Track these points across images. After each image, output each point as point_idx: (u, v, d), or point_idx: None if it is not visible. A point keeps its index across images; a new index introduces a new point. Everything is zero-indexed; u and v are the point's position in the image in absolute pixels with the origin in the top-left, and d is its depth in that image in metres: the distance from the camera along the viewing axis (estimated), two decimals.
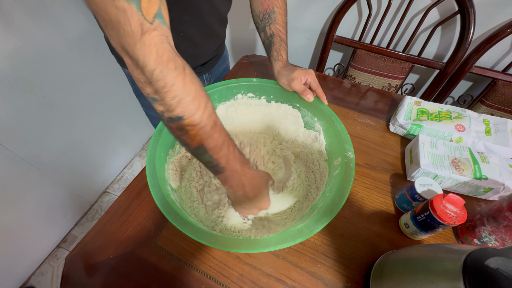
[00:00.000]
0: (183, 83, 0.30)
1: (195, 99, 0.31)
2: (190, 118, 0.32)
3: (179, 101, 0.30)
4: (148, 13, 0.26)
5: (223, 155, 0.36)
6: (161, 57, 0.28)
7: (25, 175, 0.91)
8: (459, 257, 0.27)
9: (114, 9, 0.25)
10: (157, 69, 0.28)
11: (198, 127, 0.33)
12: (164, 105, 0.31)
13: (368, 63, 0.93)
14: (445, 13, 0.80)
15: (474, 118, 0.60)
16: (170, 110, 0.31)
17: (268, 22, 0.57)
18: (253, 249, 0.33)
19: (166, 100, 0.30)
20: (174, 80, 0.29)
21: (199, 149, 0.35)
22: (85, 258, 0.45)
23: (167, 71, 0.29)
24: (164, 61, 0.28)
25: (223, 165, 0.37)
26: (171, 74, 0.29)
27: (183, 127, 0.32)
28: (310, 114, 0.55)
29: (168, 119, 0.32)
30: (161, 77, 0.29)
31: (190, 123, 0.32)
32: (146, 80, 0.29)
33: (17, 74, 0.79)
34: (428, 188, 0.46)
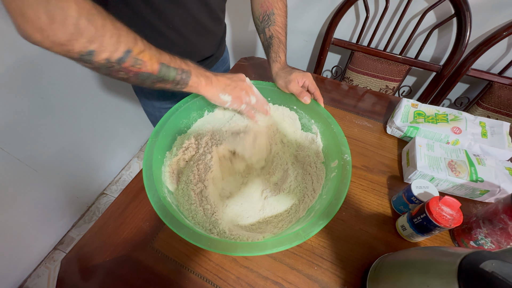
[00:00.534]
0: (112, 22, 0.30)
1: (128, 32, 0.32)
2: (135, 47, 0.32)
3: (119, 36, 0.31)
4: None
5: (179, 62, 0.38)
6: (81, 6, 0.27)
7: (22, 176, 0.91)
8: (454, 260, 0.27)
9: None
10: (82, 17, 0.27)
11: (147, 51, 0.34)
12: (105, 50, 0.30)
13: (366, 66, 0.94)
14: (442, 16, 0.80)
15: (471, 121, 0.61)
16: (115, 50, 0.31)
17: (268, 23, 0.57)
18: (249, 252, 0.33)
19: (105, 42, 0.30)
20: (103, 21, 0.29)
21: (162, 69, 0.35)
22: (81, 260, 0.45)
23: (93, 17, 0.28)
24: (86, 8, 0.28)
25: (187, 68, 0.39)
26: (97, 17, 0.29)
27: (136, 59, 0.33)
28: (307, 116, 0.55)
29: (117, 61, 0.32)
30: (89, 23, 0.28)
31: (139, 51, 0.33)
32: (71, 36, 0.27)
33: (14, 75, 0.79)
34: (425, 190, 0.46)
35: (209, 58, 0.64)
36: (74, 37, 0.28)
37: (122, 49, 0.31)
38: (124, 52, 0.31)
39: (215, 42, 0.63)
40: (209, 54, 0.63)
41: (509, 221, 0.38)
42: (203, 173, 0.48)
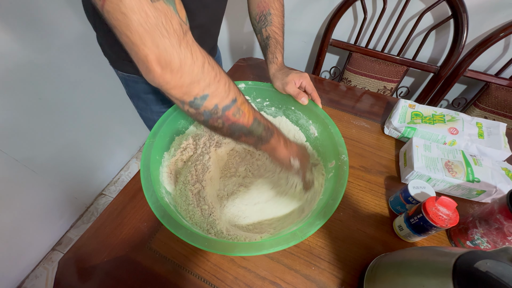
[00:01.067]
0: (222, 69, 0.32)
1: (233, 82, 0.33)
2: (240, 97, 0.33)
3: (229, 85, 0.32)
4: (181, 14, 0.27)
5: (266, 120, 0.38)
6: (203, 50, 0.29)
7: (20, 177, 0.90)
8: (449, 260, 0.28)
9: (154, 11, 0.23)
10: (206, 61, 0.29)
11: (246, 103, 0.35)
12: (218, 96, 0.31)
13: (364, 66, 0.94)
14: (439, 17, 0.81)
15: (467, 121, 0.61)
16: (225, 96, 0.31)
17: (264, 24, 0.57)
18: (246, 252, 0.33)
19: (220, 88, 0.30)
20: (219, 68, 0.31)
21: (254, 123, 0.36)
22: (78, 261, 0.45)
23: (212, 62, 0.30)
24: (206, 54, 0.29)
25: (271, 127, 0.39)
26: (215, 63, 0.30)
27: (239, 109, 0.33)
28: (305, 117, 0.55)
29: (223, 108, 0.32)
30: (211, 67, 0.29)
31: (241, 102, 0.33)
32: (195, 79, 0.28)
33: (12, 76, 0.79)
34: (422, 190, 0.47)
35: None
36: (197, 79, 0.28)
37: (231, 97, 0.32)
38: (232, 100, 0.32)
39: (213, 44, 0.63)
40: None
41: (504, 221, 0.38)
42: (200, 173, 0.48)
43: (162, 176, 0.45)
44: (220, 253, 0.33)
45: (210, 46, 0.63)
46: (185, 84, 0.28)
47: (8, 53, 0.76)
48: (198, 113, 0.31)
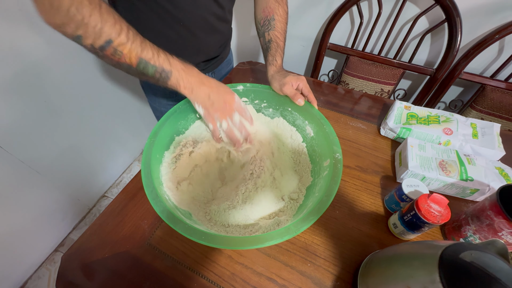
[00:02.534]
0: (100, 13, 0.34)
1: (115, 23, 0.36)
2: (117, 38, 0.36)
3: (102, 28, 0.35)
4: None
5: (163, 60, 0.40)
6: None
7: (25, 178, 0.92)
8: (436, 251, 0.29)
9: None
10: (72, 6, 0.32)
11: (129, 44, 0.37)
12: (89, 37, 0.34)
13: (361, 69, 0.96)
14: (433, 21, 0.83)
15: (462, 122, 0.62)
16: (96, 37, 0.35)
17: (268, 28, 0.60)
18: (242, 246, 0.35)
19: (89, 30, 0.34)
20: (91, 12, 0.33)
21: (140, 63, 0.39)
22: (80, 257, 0.46)
23: (82, 6, 0.33)
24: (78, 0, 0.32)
25: (168, 68, 0.41)
26: (86, 8, 0.33)
27: (116, 49, 0.36)
28: (301, 118, 0.57)
29: (99, 48, 0.36)
30: (77, 12, 0.32)
31: (119, 43, 0.36)
32: (63, 21, 0.33)
33: (21, 80, 0.82)
34: (415, 189, 0.48)
35: (215, 58, 0.67)
36: (66, 22, 0.33)
37: (104, 39, 0.35)
38: (105, 41, 0.35)
39: (222, 43, 0.66)
40: (215, 54, 0.66)
41: (495, 217, 0.39)
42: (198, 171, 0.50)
43: (162, 173, 0.47)
44: (216, 247, 0.34)
45: (219, 43, 0.65)
46: (58, 24, 0.33)
47: (16, 57, 0.78)
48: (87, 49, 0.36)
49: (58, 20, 0.33)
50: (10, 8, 0.72)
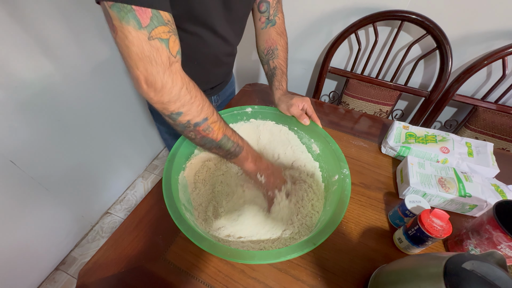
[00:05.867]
0: (201, 94, 0.40)
1: (210, 104, 0.42)
2: (212, 117, 0.42)
3: (203, 107, 0.40)
4: (173, 50, 0.35)
5: (237, 138, 0.47)
6: (184, 79, 0.38)
7: (34, 195, 0.94)
8: (440, 262, 0.31)
9: (149, 46, 0.32)
10: (184, 87, 0.37)
11: (219, 122, 0.43)
12: (190, 114, 0.39)
13: (360, 91, 1.02)
14: (426, 48, 0.90)
15: (457, 141, 0.66)
16: (197, 115, 0.40)
17: (272, 57, 0.66)
18: (265, 260, 0.37)
19: (193, 108, 0.39)
20: (196, 92, 0.39)
21: (223, 138, 0.44)
22: (97, 272, 0.47)
23: (190, 87, 0.38)
24: (187, 81, 0.38)
25: (241, 144, 0.47)
26: (193, 89, 0.39)
27: (209, 126, 0.41)
28: (307, 136, 0.61)
29: (195, 124, 0.40)
30: (187, 92, 0.38)
31: (213, 121, 0.42)
32: (171, 99, 0.37)
33: (39, 100, 0.86)
34: (417, 204, 0.50)
35: (220, 83, 0.73)
36: (173, 100, 0.37)
37: (202, 117, 0.40)
38: (203, 119, 0.40)
39: (227, 71, 0.72)
40: (221, 80, 0.72)
41: (493, 231, 0.41)
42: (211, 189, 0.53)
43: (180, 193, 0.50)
44: (240, 262, 0.36)
45: (225, 72, 0.72)
46: (165, 102, 0.37)
47: (35, 80, 0.83)
48: (175, 124, 0.40)
49: (166, 98, 0.36)
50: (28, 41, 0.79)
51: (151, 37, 0.32)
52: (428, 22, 0.82)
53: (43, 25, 0.80)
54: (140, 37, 0.31)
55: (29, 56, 0.80)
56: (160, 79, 0.34)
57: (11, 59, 0.76)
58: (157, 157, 1.64)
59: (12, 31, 0.73)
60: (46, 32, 0.81)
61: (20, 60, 0.78)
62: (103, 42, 1.02)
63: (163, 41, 0.33)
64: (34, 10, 0.76)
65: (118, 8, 0.30)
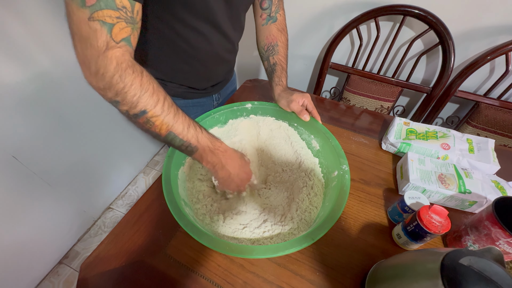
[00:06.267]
0: (140, 83, 0.36)
1: (153, 94, 0.37)
2: (152, 110, 0.37)
3: (139, 97, 0.36)
4: (116, 37, 0.34)
5: (192, 135, 0.42)
6: (120, 65, 0.34)
7: (36, 190, 0.95)
8: (438, 258, 0.31)
9: (87, 27, 0.31)
10: (116, 74, 0.34)
11: (162, 116, 0.38)
12: (126, 104, 0.36)
13: (361, 87, 1.01)
14: (428, 44, 0.89)
15: (458, 138, 0.66)
16: (133, 107, 0.37)
17: (272, 53, 0.65)
18: (264, 254, 0.37)
19: (127, 99, 0.36)
20: (132, 81, 0.35)
21: (169, 135, 0.40)
22: (99, 265, 0.48)
23: (125, 75, 0.35)
24: (122, 68, 0.35)
25: (195, 144, 0.43)
26: (129, 77, 0.35)
27: (148, 120, 0.38)
28: (307, 132, 0.61)
29: (133, 116, 0.38)
30: (120, 80, 0.35)
31: (153, 115, 0.38)
32: (105, 86, 0.35)
33: (40, 96, 0.86)
34: (417, 200, 0.50)
35: (221, 82, 0.73)
36: (107, 87, 0.35)
37: (139, 108, 0.37)
38: (140, 111, 0.37)
39: (229, 69, 0.72)
40: (222, 78, 0.72)
41: (492, 228, 0.41)
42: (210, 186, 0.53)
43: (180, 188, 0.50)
44: (240, 256, 0.37)
45: (226, 70, 0.71)
46: (101, 88, 0.35)
47: (35, 77, 0.84)
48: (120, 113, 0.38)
49: (101, 85, 0.35)
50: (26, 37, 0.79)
51: (92, 18, 0.31)
52: (431, 17, 0.80)
53: (41, 22, 0.80)
54: (80, 17, 0.30)
55: (28, 53, 0.80)
56: (94, 63, 0.33)
57: (11, 56, 0.76)
58: (158, 153, 1.64)
59: (10, 29, 0.73)
60: (44, 28, 0.81)
61: (20, 57, 0.78)
62: None
63: (105, 24, 0.32)
64: (31, 6, 0.76)
65: None
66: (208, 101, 0.74)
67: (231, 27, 0.57)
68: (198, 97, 0.70)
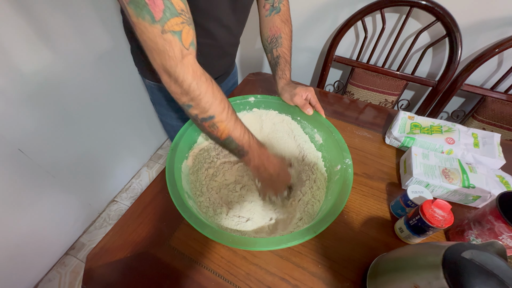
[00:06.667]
0: (212, 91, 0.39)
1: (221, 102, 0.41)
2: (219, 116, 0.41)
3: (211, 104, 0.39)
4: (186, 42, 0.35)
5: (246, 141, 0.45)
6: (196, 73, 0.37)
7: (41, 182, 0.96)
8: (440, 251, 0.31)
9: (162, 40, 0.33)
10: (193, 82, 0.37)
11: (225, 122, 0.42)
12: (198, 109, 0.39)
13: (366, 81, 1.00)
14: (435, 36, 0.87)
15: (463, 132, 0.65)
16: (203, 112, 0.40)
17: (275, 45, 0.65)
18: (266, 246, 0.38)
19: (201, 104, 0.39)
20: (207, 89, 0.39)
21: (227, 139, 0.44)
22: (104, 256, 0.49)
23: (201, 83, 0.38)
24: (198, 76, 0.38)
25: (247, 149, 0.46)
26: (204, 85, 0.38)
27: (214, 124, 0.41)
28: (310, 126, 0.60)
29: (201, 119, 0.41)
30: (197, 88, 0.38)
31: (219, 120, 0.41)
32: (183, 92, 0.38)
33: (44, 90, 0.87)
34: (420, 195, 0.50)
35: (223, 74, 0.72)
36: (184, 93, 0.38)
37: (209, 114, 0.40)
38: (209, 116, 0.40)
39: (230, 62, 0.71)
40: (223, 72, 0.71)
41: (495, 222, 0.41)
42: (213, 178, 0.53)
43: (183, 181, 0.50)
44: (243, 248, 0.37)
45: (228, 63, 0.71)
46: (178, 93, 0.38)
47: (39, 70, 0.84)
48: (187, 113, 0.41)
49: (179, 90, 0.37)
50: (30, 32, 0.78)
51: (164, 31, 0.32)
52: (438, 9, 0.78)
53: (45, 16, 0.80)
54: (154, 32, 0.32)
55: (31, 47, 0.80)
56: (173, 71, 0.35)
57: (15, 50, 0.76)
58: (161, 147, 1.65)
59: (14, 23, 0.73)
60: (48, 22, 0.81)
61: (23, 50, 0.78)
62: (106, 33, 1.01)
63: (176, 33, 0.33)
64: (35, 0, 0.76)
65: (134, 4, 0.30)
66: None
67: (235, 21, 0.56)
68: None
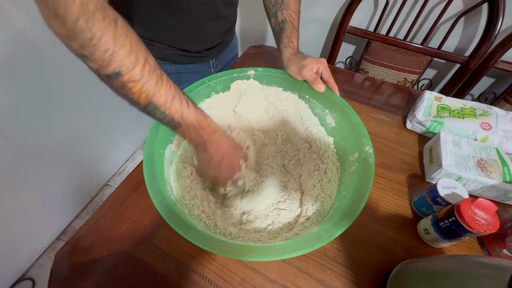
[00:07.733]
0: (114, 35, 0.27)
1: (131, 52, 0.29)
2: (129, 73, 0.29)
3: (112, 55, 0.28)
4: None
5: (175, 110, 0.35)
6: (86, 6, 0.25)
7: (24, 165, 0.89)
8: (502, 275, 0.23)
9: None
10: (81, 19, 0.25)
11: (141, 83, 0.31)
12: (96, 61, 0.28)
13: (383, 56, 0.88)
14: (471, 2, 0.74)
15: (502, 116, 0.55)
16: (104, 66, 0.28)
17: (281, 7, 0.53)
18: (265, 257, 0.29)
19: (96, 54, 0.27)
20: (103, 31, 0.26)
21: (149, 106, 0.33)
22: (75, 255, 0.42)
23: (93, 21, 0.26)
24: (89, 10, 0.25)
25: (178, 120, 0.35)
26: (98, 24, 0.26)
27: (124, 84, 0.30)
28: (321, 106, 0.50)
29: (105, 77, 0.29)
30: (86, 27, 0.25)
31: (130, 79, 0.30)
32: (68, 33, 0.26)
33: (18, 62, 0.76)
34: (452, 191, 0.42)
35: (219, 44, 0.61)
36: (71, 35, 0.26)
37: (112, 69, 0.29)
38: (113, 72, 0.29)
39: (227, 28, 0.60)
40: (220, 40, 0.60)
41: None
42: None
43: (166, 170, 0.42)
44: (236, 258, 0.29)
45: (224, 29, 0.60)
46: (63, 35, 0.27)
47: (14, 35, 0.73)
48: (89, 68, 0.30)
49: (63, 30, 0.26)
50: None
51: None
52: None
53: None
54: None
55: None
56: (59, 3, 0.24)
57: None
58: None
59: None
60: None
61: None
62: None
63: None
64: None
65: None
66: (204, 67, 0.63)
67: None
68: (192, 62, 0.59)
